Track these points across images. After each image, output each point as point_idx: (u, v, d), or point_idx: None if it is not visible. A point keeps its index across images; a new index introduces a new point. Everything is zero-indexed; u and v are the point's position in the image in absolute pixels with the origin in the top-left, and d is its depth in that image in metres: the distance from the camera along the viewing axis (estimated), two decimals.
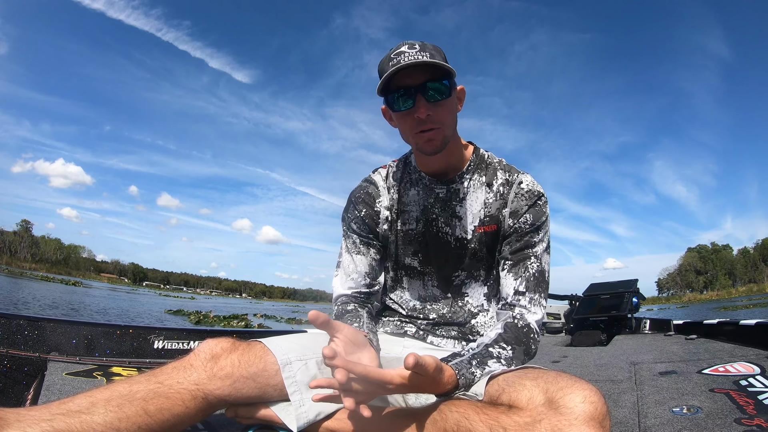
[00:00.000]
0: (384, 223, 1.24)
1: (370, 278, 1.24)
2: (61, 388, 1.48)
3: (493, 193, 1.17)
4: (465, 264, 1.20)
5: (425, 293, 1.25)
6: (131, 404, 0.83)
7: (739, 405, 1.44)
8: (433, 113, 1.05)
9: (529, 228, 1.13)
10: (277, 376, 0.97)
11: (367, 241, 1.25)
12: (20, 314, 1.97)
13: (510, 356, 1.02)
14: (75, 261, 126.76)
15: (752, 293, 72.66)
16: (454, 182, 1.19)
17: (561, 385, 0.80)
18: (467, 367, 0.94)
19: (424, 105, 1.03)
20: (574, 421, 0.74)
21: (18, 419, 0.76)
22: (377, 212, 1.24)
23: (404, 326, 1.26)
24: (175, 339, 2.15)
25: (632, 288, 4.28)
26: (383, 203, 1.24)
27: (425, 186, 1.21)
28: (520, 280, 1.12)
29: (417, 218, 1.22)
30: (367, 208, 1.24)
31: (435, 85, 1.03)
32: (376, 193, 1.25)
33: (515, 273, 1.13)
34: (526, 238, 1.13)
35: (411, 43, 1.04)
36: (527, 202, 1.14)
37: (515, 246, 1.14)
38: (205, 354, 0.95)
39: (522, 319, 1.08)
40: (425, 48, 1.04)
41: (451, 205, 1.19)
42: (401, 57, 1.02)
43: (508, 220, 1.15)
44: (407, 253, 1.24)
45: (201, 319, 16.87)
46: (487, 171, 1.20)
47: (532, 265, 1.13)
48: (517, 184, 1.16)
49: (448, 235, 1.19)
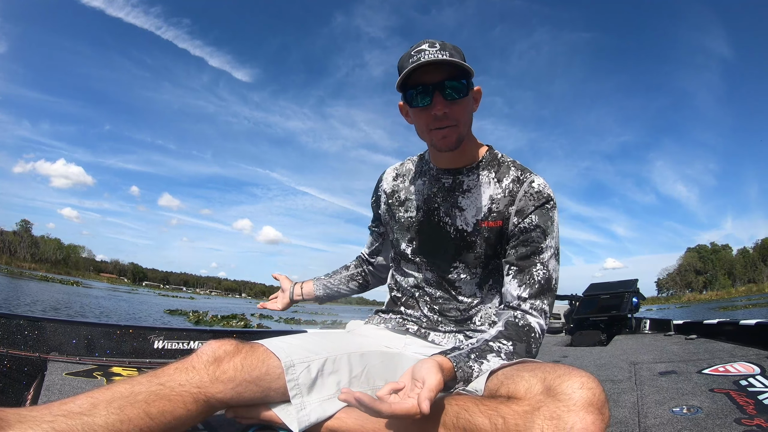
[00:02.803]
0: (383, 205, 1.35)
1: (369, 251, 1.50)
2: (61, 388, 1.48)
3: (501, 190, 1.17)
4: (463, 256, 1.19)
5: (423, 283, 1.26)
6: (133, 406, 0.83)
7: (739, 405, 1.44)
8: (450, 111, 1.08)
9: (534, 230, 1.12)
10: (279, 380, 0.97)
11: (375, 223, 1.46)
12: (20, 314, 1.97)
13: (511, 351, 1.02)
14: (75, 261, 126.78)
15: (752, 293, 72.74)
16: (461, 173, 1.21)
17: (558, 373, 0.80)
18: (465, 361, 0.95)
19: (441, 102, 1.07)
20: (573, 407, 0.75)
21: (19, 420, 0.75)
22: (379, 196, 1.38)
23: (406, 323, 1.27)
24: (175, 339, 2.15)
25: (632, 288, 4.28)
26: (383, 187, 1.36)
27: (432, 176, 1.24)
28: (524, 287, 1.11)
29: (418, 207, 1.24)
30: (374, 192, 1.41)
31: (453, 83, 1.07)
32: (381, 179, 1.39)
33: (520, 280, 1.12)
34: (534, 244, 1.12)
35: (432, 42, 1.07)
36: (535, 203, 1.13)
37: (522, 252, 1.13)
38: (207, 356, 0.95)
39: (523, 318, 1.08)
40: (445, 47, 1.07)
41: (454, 196, 1.20)
42: (421, 54, 1.05)
43: (514, 218, 1.14)
44: (404, 239, 1.27)
45: (200, 319, 16.89)
46: (499, 168, 1.20)
47: (538, 272, 1.12)
48: (528, 183, 1.16)
49: (448, 225, 1.20)
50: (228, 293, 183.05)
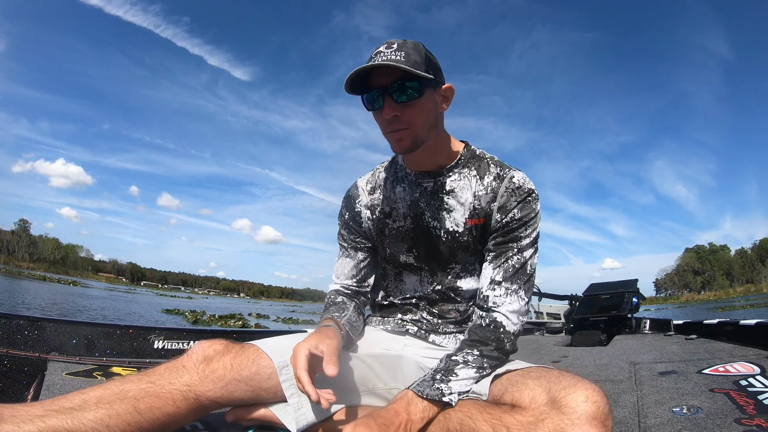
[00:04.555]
0: (367, 222, 1.26)
1: (356, 279, 1.28)
2: (61, 388, 1.48)
3: (484, 187, 1.15)
4: (458, 257, 1.18)
5: (422, 288, 1.24)
6: (122, 402, 0.85)
7: (739, 405, 1.44)
8: (401, 114, 1.04)
9: (516, 224, 1.11)
10: (270, 380, 0.98)
11: (353, 245, 1.28)
12: (20, 314, 1.97)
13: (477, 355, 1.01)
14: (73, 260, 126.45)
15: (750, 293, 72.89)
16: (442, 175, 1.18)
17: (563, 385, 0.81)
18: (429, 385, 0.96)
19: (390, 105, 1.03)
20: (577, 421, 0.75)
21: (13, 414, 0.79)
22: (358, 212, 1.26)
23: (406, 325, 1.25)
24: (175, 339, 2.15)
25: (632, 288, 4.29)
26: (362, 202, 1.26)
27: (411, 182, 1.21)
28: (497, 270, 1.10)
29: (405, 215, 1.21)
30: (349, 210, 1.28)
31: (400, 86, 1.02)
32: (355, 195, 1.28)
33: (495, 264, 1.11)
34: (513, 233, 1.11)
35: (390, 42, 1.04)
36: (517, 198, 1.12)
37: (499, 239, 1.12)
38: (197, 356, 0.96)
39: (488, 316, 1.07)
40: (403, 47, 1.02)
41: (438, 198, 1.17)
42: (377, 57, 1.01)
43: (496, 214, 1.13)
44: (401, 250, 1.23)
45: (197, 319, 16.90)
46: (480, 165, 1.18)
47: (512, 257, 1.10)
48: (508, 179, 1.14)
49: (437, 228, 1.17)
50: (226, 293, 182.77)
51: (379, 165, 1.31)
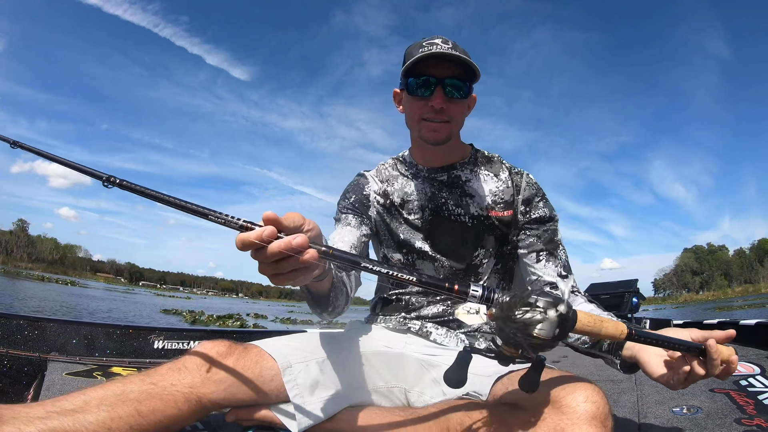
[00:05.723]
0: (376, 206, 1.28)
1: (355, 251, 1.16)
2: (61, 388, 1.48)
3: (502, 182, 1.22)
4: (484, 241, 1.22)
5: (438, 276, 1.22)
6: (124, 404, 0.84)
7: (739, 405, 1.44)
8: (448, 107, 1.11)
9: (546, 217, 1.20)
10: (273, 381, 0.97)
11: (360, 218, 1.23)
12: (20, 314, 1.97)
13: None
14: (71, 261, 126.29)
15: (748, 294, 73.05)
16: (455, 169, 1.24)
17: (563, 385, 0.81)
18: None
19: (441, 97, 1.10)
20: (577, 420, 0.75)
21: (13, 416, 0.77)
22: (366, 196, 1.28)
23: (407, 323, 1.23)
24: (175, 339, 2.15)
25: (632, 288, 4.28)
26: (373, 188, 1.29)
27: (425, 177, 1.25)
28: (560, 267, 1.20)
29: (422, 206, 1.23)
30: (356, 194, 1.28)
31: (456, 81, 1.10)
32: (364, 182, 1.31)
33: (554, 262, 1.20)
34: (552, 230, 1.21)
35: (445, 39, 1.11)
36: (537, 194, 1.21)
37: (546, 237, 1.20)
38: (199, 357, 0.95)
39: (578, 290, 1.19)
40: (457, 47, 1.09)
41: (458, 185, 1.23)
42: (433, 47, 1.07)
43: (521, 206, 1.20)
44: (416, 238, 1.25)
45: (196, 318, 16.85)
46: (491, 164, 1.26)
47: (562, 253, 1.21)
48: (525, 175, 1.24)
49: (462, 215, 1.21)
50: (225, 293, 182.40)
51: (383, 162, 1.34)
